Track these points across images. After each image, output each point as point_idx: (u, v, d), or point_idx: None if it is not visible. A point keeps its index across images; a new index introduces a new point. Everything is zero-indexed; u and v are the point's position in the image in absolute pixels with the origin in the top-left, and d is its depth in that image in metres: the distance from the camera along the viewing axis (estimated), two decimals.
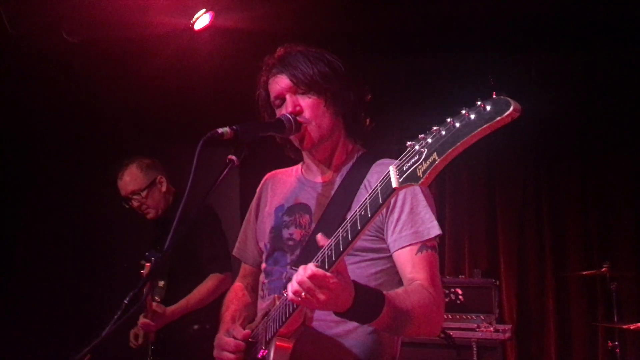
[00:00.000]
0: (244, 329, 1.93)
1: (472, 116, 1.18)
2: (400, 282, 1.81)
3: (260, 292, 2.02)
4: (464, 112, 1.20)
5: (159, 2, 3.98)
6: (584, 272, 4.82)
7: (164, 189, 3.59)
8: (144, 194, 3.53)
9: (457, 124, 1.21)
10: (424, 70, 5.41)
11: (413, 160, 1.28)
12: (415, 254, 1.77)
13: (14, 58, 4.10)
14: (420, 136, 1.29)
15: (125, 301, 1.47)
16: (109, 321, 1.42)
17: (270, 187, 2.13)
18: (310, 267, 1.48)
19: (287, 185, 2.07)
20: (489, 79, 5.38)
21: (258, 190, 2.18)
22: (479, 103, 1.18)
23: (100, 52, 4.24)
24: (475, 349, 4.42)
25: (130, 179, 3.54)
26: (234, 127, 1.70)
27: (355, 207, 1.49)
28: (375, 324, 1.59)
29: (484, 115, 1.16)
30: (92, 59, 4.31)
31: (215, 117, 4.99)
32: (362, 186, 1.86)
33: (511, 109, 1.14)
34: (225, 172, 1.70)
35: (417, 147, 1.28)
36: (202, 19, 4.28)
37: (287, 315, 1.65)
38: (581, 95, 5.40)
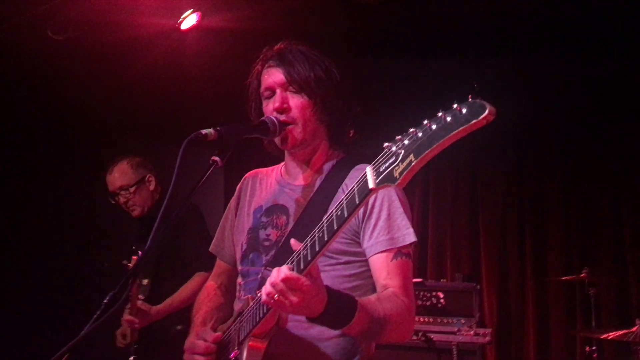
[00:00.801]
0: (216, 330, 1.93)
1: (449, 118, 1.20)
2: (372, 287, 1.83)
3: (237, 293, 2.02)
4: (440, 114, 1.22)
5: (146, 2, 3.98)
6: (564, 278, 4.88)
7: (152, 187, 3.60)
8: (132, 189, 3.54)
9: (434, 126, 1.23)
10: (408, 74, 5.45)
11: (390, 161, 1.30)
12: (391, 261, 1.78)
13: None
14: (396, 137, 1.30)
15: (105, 300, 1.47)
16: (88, 321, 1.42)
17: (250, 186, 2.14)
18: (284, 270, 1.49)
19: (266, 186, 2.08)
20: (473, 84, 5.44)
21: (238, 188, 2.19)
22: (455, 106, 1.20)
23: (87, 51, 4.23)
24: (455, 352, 4.45)
25: (120, 174, 3.56)
26: (218, 128, 1.71)
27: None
28: (347, 329, 1.61)
29: (459, 118, 1.19)
30: (79, 59, 4.30)
31: (202, 116, 5.00)
32: (340, 190, 1.87)
33: (486, 112, 1.16)
34: (208, 172, 1.71)
35: (393, 148, 1.30)
36: (189, 19, 4.29)
37: (261, 316, 1.66)
38: (563, 100, 5.47)
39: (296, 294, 1.48)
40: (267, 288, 1.51)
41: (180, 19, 4.24)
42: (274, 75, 1.93)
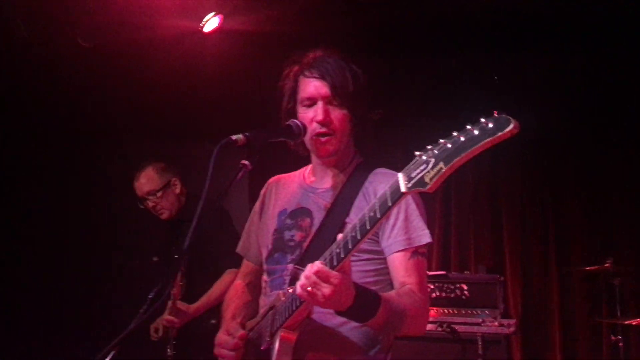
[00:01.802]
0: (244, 325, 2.07)
1: (476, 131, 1.34)
2: (389, 282, 1.95)
3: (263, 290, 2.14)
4: (468, 127, 1.36)
5: (169, 6, 4.06)
6: (587, 268, 4.89)
7: (177, 190, 3.73)
8: (158, 194, 3.68)
9: (462, 138, 1.36)
10: (425, 72, 5.46)
11: (421, 168, 1.42)
12: (408, 260, 1.91)
13: (30, 63, 4.20)
14: (427, 147, 1.43)
15: (150, 296, 1.56)
16: (134, 316, 1.50)
17: (274, 191, 2.25)
18: (317, 264, 1.61)
19: (290, 190, 2.19)
20: (494, 79, 5.45)
21: (262, 193, 2.30)
22: (482, 120, 1.33)
23: (112, 55, 4.32)
24: (480, 343, 4.50)
25: (146, 180, 3.70)
26: (247, 133, 1.81)
27: (353, 212, 1.67)
28: (370, 323, 1.74)
29: (486, 131, 1.32)
30: (104, 62, 4.39)
31: (224, 118, 5.09)
32: (360, 193, 1.99)
33: (511, 126, 1.30)
34: (239, 176, 1.80)
35: (424, 157, 1.42)
36: (211, 22, 4.36)
37: (294, 309, 1.76)
38: (585, 92, 5.45)
39: (328, 287, 1.58)
40: (301, 281, 1.62)
41: (203, 22, 4.32)
42: (318, 88, 2.02)
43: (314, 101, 2.02)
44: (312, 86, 2.02)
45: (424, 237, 1.94)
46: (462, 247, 5.77)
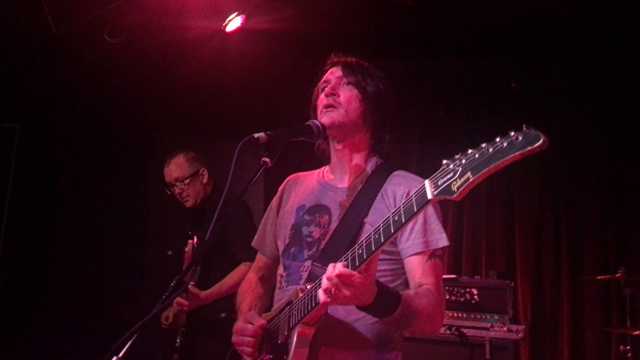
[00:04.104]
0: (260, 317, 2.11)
1: (505, 144, 1.35)
2: (404, 282, 2.00)
3: (278, 284, 2.18)
4: (497, 139, 1.37)
5: (193, 7, 4.16)
6: (599, 277, 4.89)
7: (204, 180, 3.84)
8: (186, 181, 3.79)
9: (491, 149, 1.37)
10: (446, 74, 5.50)
11: (448, 176, 1.44)
12: (426, 261, 1.95)
13: (58, 57, 4.32)
14: (455, 156, 1.45)
15: (172, 284, 1.64)
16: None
17: (293, 187, 2.30)
18: (339, 267, 1.64)
19: (308, 187, 2.24)
20: (512, 84, 5.48)
21: (280, 189, 2.35)
22: (512, 134, 1.35)
23: (139, 53, 4.44)
24: (488, 347, 4.52)
25: (176, 167, 3.81)
26: (268, 132, 1.88)
27: (372, 213, 1.70)
28: (388, 319, 1.79)
29: (516, 144, 1.33)
30: (131, 60, 4.50)
31: (247, 115, 5.18)
32: (379, 195, 2.03)
33: (540, 141, 1.32)
34: (260, 172, 1.87)
35: (451, 166, 1.45)
36: (233, 22, 4.46)
37: (313, 305, 1.80)
38: (600, 99, 5.45)
39: (349, 289, 1.63)
40: (323, 283, 1.66)
41: (226, 22, 4.41)
42: (333, 72, 2.16)
43: (328, 83, 2.14)
44: (329, 72, 2.17)
45: (442, 240, 1.98)
46: (474, 252, 5.79)
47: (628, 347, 4.51)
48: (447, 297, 4.89)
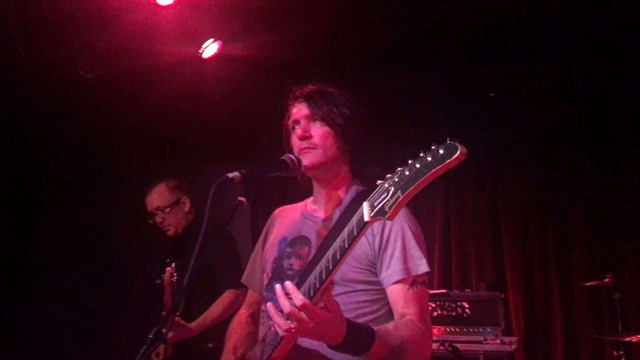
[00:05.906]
0: (245, 357, 2.07)
1: (429, 158, 1.35)
2: (387, 313, 1.94)
3: (261, 320, 2.14)
4: (422, 154, 1.37)
5: (169, 33, 4.16)
6: (588, 283, 4.91)
7: (186, 209, 3.80)
8: (167, 210, 3.75)
9: (417, 165, 1.37)
10: (421, 86, 5.53)
11: (382, 196, 1.44)
12: (407, 290, 1.90)
13: (32, 93, 4.29)
14: (387, 175, 1.45)
15: (150, 336, 1.59)
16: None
17: (278, 221, 2.28)
18: (294, 301, 1.59)
19: (291, 219, 2.21)
20: (489, 93, 5.52)
21: (267, 223, 2.33)
22: (433, 147, 1.35)
23: (114, 81, 4.42)
24: None
25: (157, 196, 3.78)
26: (243, 171, 1.85)
27: None
28: (367, 356, 1.72)
29: (437, 158, 1.33)
30: (106, 89, 4.48)
31: (223, 141, 5.17)
32: None
33: (458, 152, 1.31)
34: (235, 211, 1.82)
35: (385, 185, 1.45)
36: (210, 48, 4.45)
37: (279, 340, 1.77)
38: (583, 103, 5.49)
39: (306, 322, 1.58)
40: (275, 318, 1.64)
41: (202, 48, 4.41)
42: (300, 110, 2.10)
43: (297, 123, 2.09)
44: (296, 109, 2.11)
45: (422, 266, 1.93)
46: (464, 265, 5.78)
47: (621, 352, 4.51)
48: (439, 312, 4.87)
